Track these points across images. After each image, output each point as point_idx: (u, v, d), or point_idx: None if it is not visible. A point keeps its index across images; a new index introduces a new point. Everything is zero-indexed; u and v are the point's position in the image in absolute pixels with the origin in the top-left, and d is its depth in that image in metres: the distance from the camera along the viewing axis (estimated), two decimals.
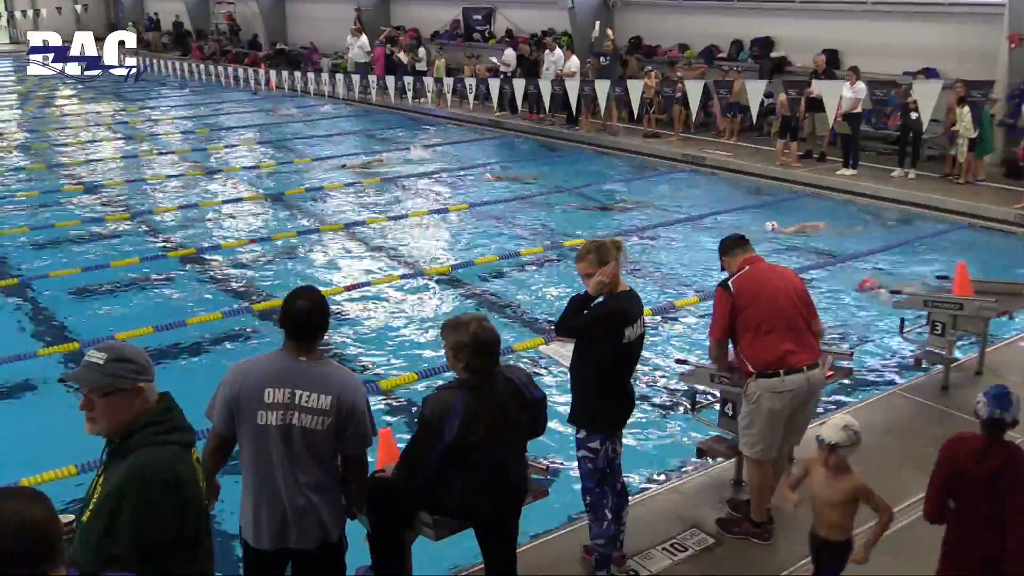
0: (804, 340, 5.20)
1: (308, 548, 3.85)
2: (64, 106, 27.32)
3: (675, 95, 18.06)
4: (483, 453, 4.10)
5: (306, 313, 3.79)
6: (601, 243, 4.79)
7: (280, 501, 3.78)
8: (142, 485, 2.93)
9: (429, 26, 28.13)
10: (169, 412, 3.15)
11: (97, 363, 3.07)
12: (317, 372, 3.78)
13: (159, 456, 3.01)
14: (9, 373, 8.17)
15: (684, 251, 11.79)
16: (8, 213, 14.24)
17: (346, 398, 3.78)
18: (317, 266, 11.50)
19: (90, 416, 3.08)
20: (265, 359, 3.88)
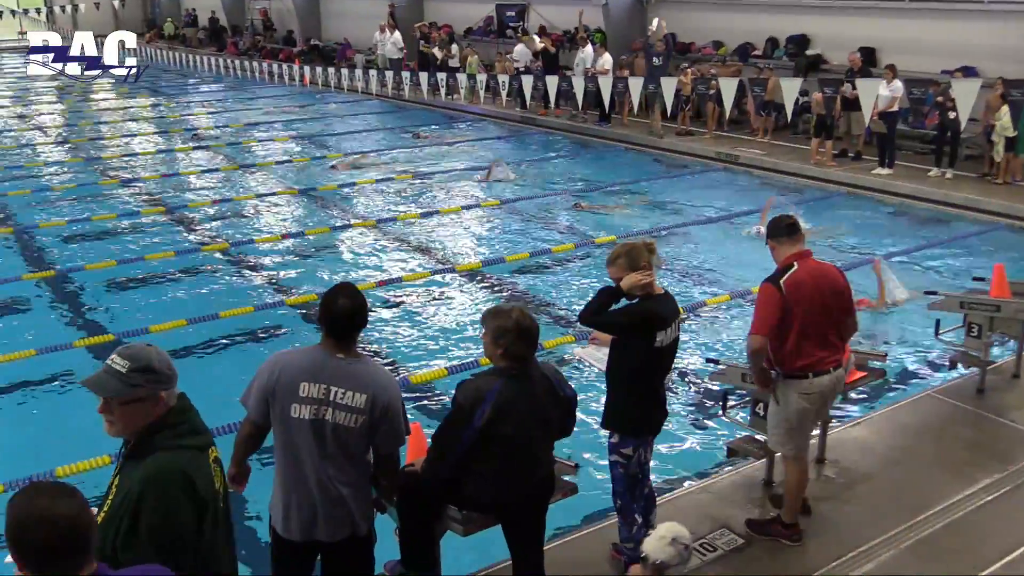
0: (836, 343, 5.17)
1: (336, 541, 3.86)
2: (101, 100, 27.61)
3: (709, 93, 17.95)
4: (512, 445, 4.11)
5: (346, 312, 3.80)
6: (633, 246, 4.73)
7: (310, 494, 3.80)
8: (160, 490, 2.95)
9: (462, 22, 28.16)
10: (185, 414, 3.15)
11: (119, 371, 3.05)
12: (353, 370, 3.79)
13: (175, 461, 3.02)
14: (46, 363, 8.28)
15: (716, 249, 11.71)
16: (47, 206, 14.43)
17: (381, 397, 3.78)
18: (349, 261, 11.55)
19: (108, 419, 3.10)
20: (303, 352, 3.90)
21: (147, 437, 3.06)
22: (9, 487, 5.99)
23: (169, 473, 2.99)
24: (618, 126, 19.59)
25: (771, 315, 4.98)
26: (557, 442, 4.45)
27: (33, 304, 10.07)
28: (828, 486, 5.88)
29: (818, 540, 5.23)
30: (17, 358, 8.23)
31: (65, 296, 10.32)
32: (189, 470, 3.03)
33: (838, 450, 6.23)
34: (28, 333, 9.01)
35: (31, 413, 7.66)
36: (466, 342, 8.76)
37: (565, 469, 4.72)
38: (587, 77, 19.29)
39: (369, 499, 3.99)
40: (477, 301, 10.03)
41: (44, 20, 50.13)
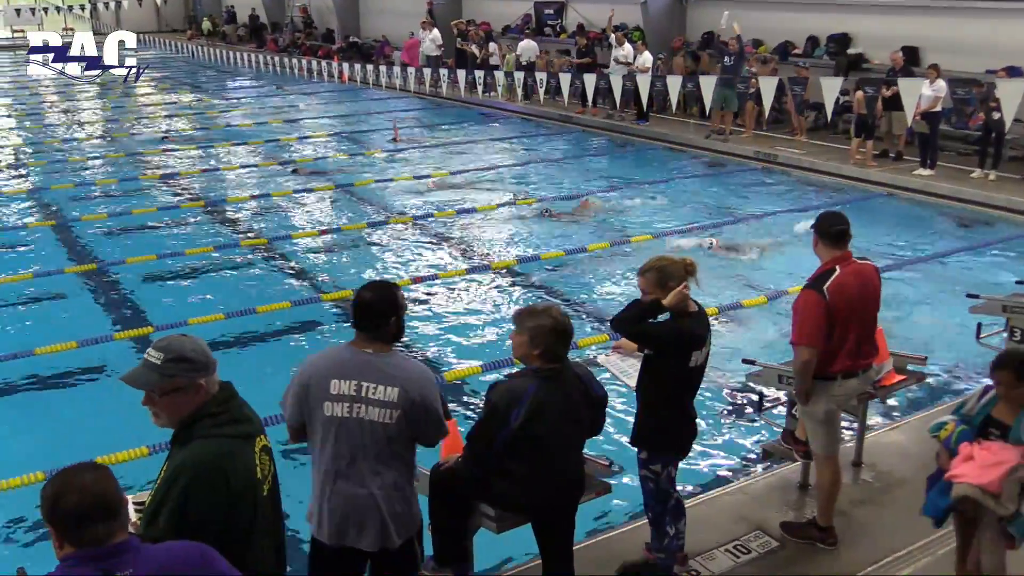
0: (868, 346, 5.11)
1: (367, 550, 3.81)
2: (142, 96, 27.95)
3: (748, 92, 17.82)
4: (545, 445, 4.12)
5: (370, 305, 3.81)
6: (669, 263, 4.62)
7: (343, 498, 3.76)
8: (191, 476, 3.01)
9: (500, 20, 28.16)
10: (228, 403, 3.19)
11: (155, 363, 3.12)
12: (383, 363, 3.76)
13: (210, 449, 3.07)
14: (87, 355, 8.41)
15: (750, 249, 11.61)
16: (89, 200, 14.64)
17: (413, 389, 3.74)
18: (385, 258, 11.60)
19: (153, 411, 3.17)
20: (333, 351, 3.91)
21: (188, 426, 3.13)
22: (49, 476, 6.07)
23: (200, 462, 3.04)
24: (656, 125, 19.48)
25: (819, 324, 4.83)
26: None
27: (74, 297, 10.21)
28: (865, 490, 5.82)
29: (854, 544, 5.18)
30: (59, 350, 8.35)
31: (106, 289, 10.46)
32: (223, 460, 3.07)
33: (875, 454, 6.16)
34: (69, 325, 9.14)
35: (72, 404, 7.77)
36: (501, 340, 8.77)
37: (598, 467, 4.71)
38: (625, 75, 19.21)
39: (408, 508, 3.88)
40: (512, 299, 10.03)
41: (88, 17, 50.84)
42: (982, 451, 4.23)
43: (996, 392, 4.34)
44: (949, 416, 4.50)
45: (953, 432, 4.39)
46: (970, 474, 4.16)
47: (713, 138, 17.85)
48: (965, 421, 4.41)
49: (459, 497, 4.31)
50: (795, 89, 17.18)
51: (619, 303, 9.60)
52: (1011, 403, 4.29)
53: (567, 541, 4.42)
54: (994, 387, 4.34)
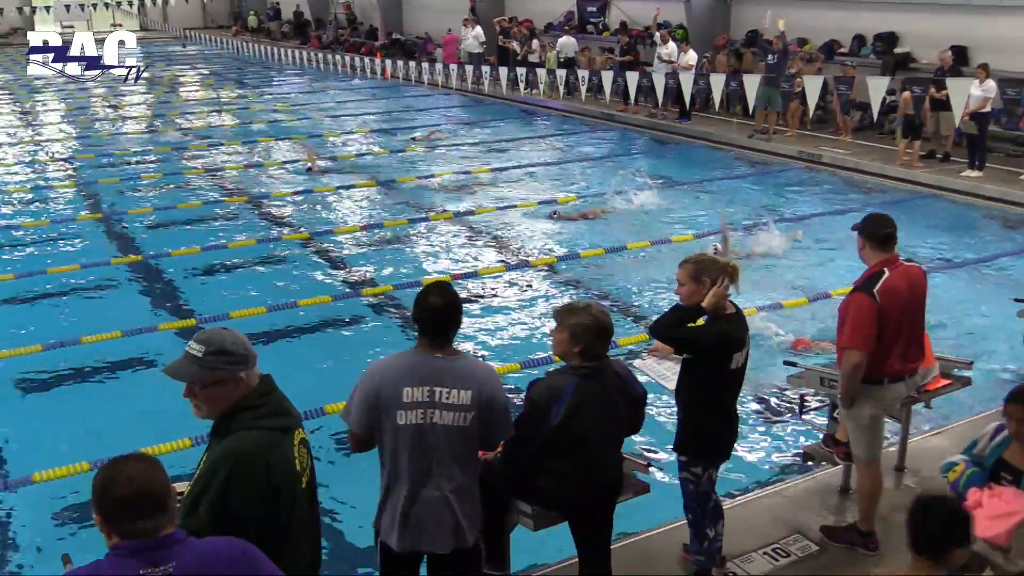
0: (915, 350, 5.04)
1: (443, 552, 3.82)
2: (188, 92, 28.29)
3: (792, 91, 17.64)
4: (584, 442, 4.11)
5: (439, 310, 3.74)
6: (710, 261, 4.60)
7: (417, 505, 3.75)
8: (231, 467, 3.03)
9: (543, 17, 28.13)
10: (268, 396, 3.22)
11: (196, 355, 3.15)
12: (454, 367, 3.74)
13: (251, 441, 3.10)
14: (131, 345, 8.54)
15: (795, 250, 11.50)
16: (135, 194, 14.85)
17: (486, 391, 3.74)
18: (426, 254, 11.64)
19: (194, 403, 3.21)
20: (401, 358, 3.83)
21: (228, 418, 3.16)
22: (95, 466, 6.18)
23: (241, 453, 3.06)
24: (699, 123, 19.35)
25: (870, 328, 4.75)
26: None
27: (120, 288, 10.38)
28: (908, 495, 5.70)
29: (896, 550, 5.09)
30: (104, 339, 8.50)
31: (151, 281, 10.61)
32: (263, 451, 3.10)
33: (919, 459, 6.06)
34: (115, 316, 9.28)
35: (116, 394, 7.89)
36: (539, 337, 8.76)
37: (636, 467, 4.69)
38: (668, 73, 19.10)
39: (477, 508, 3.91)
40: (551, 296, 10.02)
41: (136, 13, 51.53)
42: (992, 498, 3.94)
43: (1008, 431, 4.07)
44: (960, 456, 4.26)
45: (963, 475, 4.12)
46: (980, 525, 3.84)
47: (756, 137, 17.69)
48: (976, 463, 4.14)
49: (496, 494, 4.31)
50: (840, 88, 16.99)
51: (659, 301, 9.58)
52: (1023, 444, 4.02)
53: (604, 540, 4.41)
54: (1006, 425, 4.07)
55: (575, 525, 4.35)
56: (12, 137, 20.57)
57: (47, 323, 9.18)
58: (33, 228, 12.77)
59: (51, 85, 29.77)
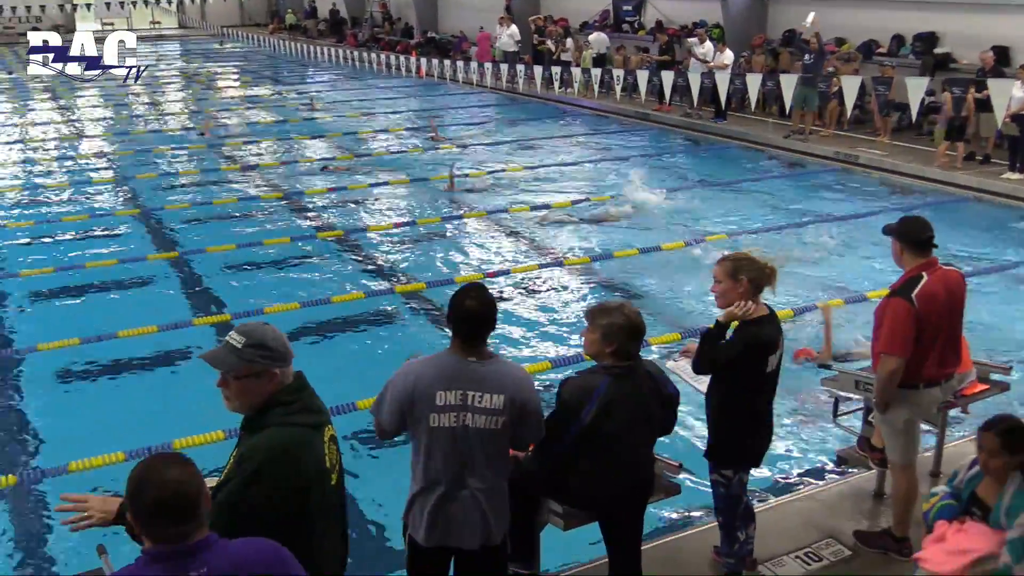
0: (952, 355, 4.97)
1: (471, 548, 3.84)
2: (225, 88, 28.54)
3: (830, 91, 17.47)
4: (616, 442, 4.09)
5: (474, 313, 3.72)
6: (748, 260, 4.53)
7: (448, 502, 3.76)
8: (262, 461, 3.04)
9: (579, 16, 28.08)
10: (300, 392, 3.23)
11: (235, 347, 3.16)
12: (488, 371, 3.73)
13: (283, 436, 3.11)
14: (167, 340, 8.64)
15: (831, 251, 11.40)
16: (172, 190, 15.01)
17: (519, 396, 3.73)
18: (459, 252, 11.66)
19: (226, 394, 3.22)
20: (434, 360, 3.81)
21: (261, 413, 3.17)
22: (130, 457, 6.27)
23: (272, 448, 3.07)
24: (734, 123, 19.23)
25: (908, 333, 4.69)
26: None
27: (157, 282, 10.49)
28: None
29: None
30: (140, 333, 8.61)
31: (186, 276, 10.72)
32: (294, 447, 3.11)
33: (955, 464, 5.96)
34: (151, 310, 9.38)
35: (151, 387, 7.99)
36: (572, 336, 8.75)
37: (668, 468, 4.67)
38: (703, 73, 19.00)
39: (506, 506, 3.92)
40: (584, 295, 10.00)
41: (175, 11, 52.11)
42: (957, 534, 3.82)
43: (979, 462, 3.94)
44: (941, 487, 4.15)
45: (934, 506, 4.01)
46: (934, 559, 3.80)
47: (793, 138, 17.54)
48: (954, 495, 4.02)
49: (527, 492, 4.31)
50: (879, 89, 16.81)
51: (692, 301, 9.54)
52: (993, 477, 3.87)
53: (635, 541, 4.39)
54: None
55: (605, 525, 4.34)
56: (52, 132, 20.87)
57: (85, 317, 9.30)
58: (72, 223, 12.95)
59: (91, 82, 30.12)
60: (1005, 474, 3.84)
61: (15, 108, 24.21)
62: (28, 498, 6.32)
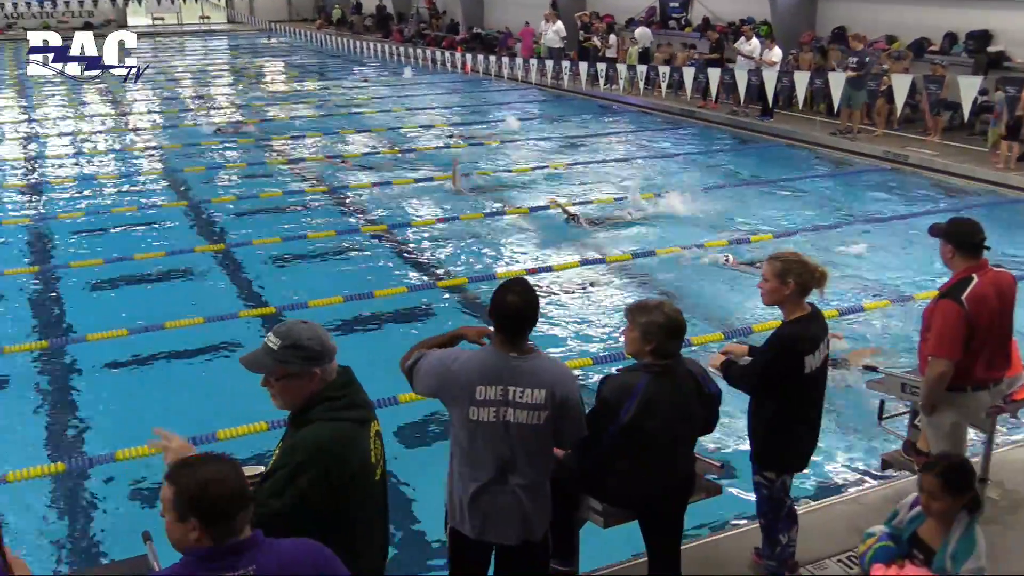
0: (1002, 358, 4.88)
1: (510, 544, 3.85)
2: (272, 83, 28.80)
3: (879, 89, 17.22)
4: (656, 441, 4.07)
5: (516, 309, 3.71)
6: (799, 262, 4.46)
7: (488, 497, 3.77)
8: (309, 457, 3.07)
9: (625, 12, 27.96)
10: (346, 388, 3.26)
11: (271, 348, 3.20)
12: (529, 367, 3.72)
13: (328, 432, 3.14)
14: (213, 332, 8.75)
15: (876, 252, 11.25)
16: (219, 183, 15.19)
17: (560, 390, 3.72)
18: (501, 248, 11.67)
19: (271, 392, 3.26)
20: (480, 355, 3.81)
21: (307, 409, 3.20)
22: None
23: (318, 443, 3.10)
24: (781, 121, 19.01)
25: (958, 336, 4.63)
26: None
27: (204, 275, 10.63)
28: (990, 508, 5.54)
29: None
30: (187, 325, 8.72)
31: (233, 269, 10.85)
32: (340, 442, 3.14)
33: (1003, 471, 5.87)
34: (198, 302, 9.52)
35: (197, 378, 8.09)
36: (612, 334, 8.72)
37: (709, 468, 4.64)
38: (750, 70, 18.84)
39: (547, 503, 3.92)
40: (625, 293, 9.97)
41: (223, 6, 52.71)
42: None
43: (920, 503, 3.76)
44: (879, 527, 3.99)
45: (871, 548, 3.83)
46: None
47: (840, 136, 17.33)
48: (893, 536, 3.84)
49: (567, 490, 4.31)
50: (930, 87, 16.53)
51: (734, 300, 9.48)
52: (937, 519, 3.68)
53: (674, 541, 4.37)
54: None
55: (645, 524, 4.33)
56: (103, 126, 21.22)
57: (133, 308, 9.44)
58: (121, 215, 13.16)
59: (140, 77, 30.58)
60: (950, 516, 3.65)
61: (67, 101, 24.62)
62: (75, 485, 6.44)
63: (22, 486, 6.24)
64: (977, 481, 3.69)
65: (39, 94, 24.85)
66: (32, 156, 17.61)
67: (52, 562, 5.51)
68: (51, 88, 25.83)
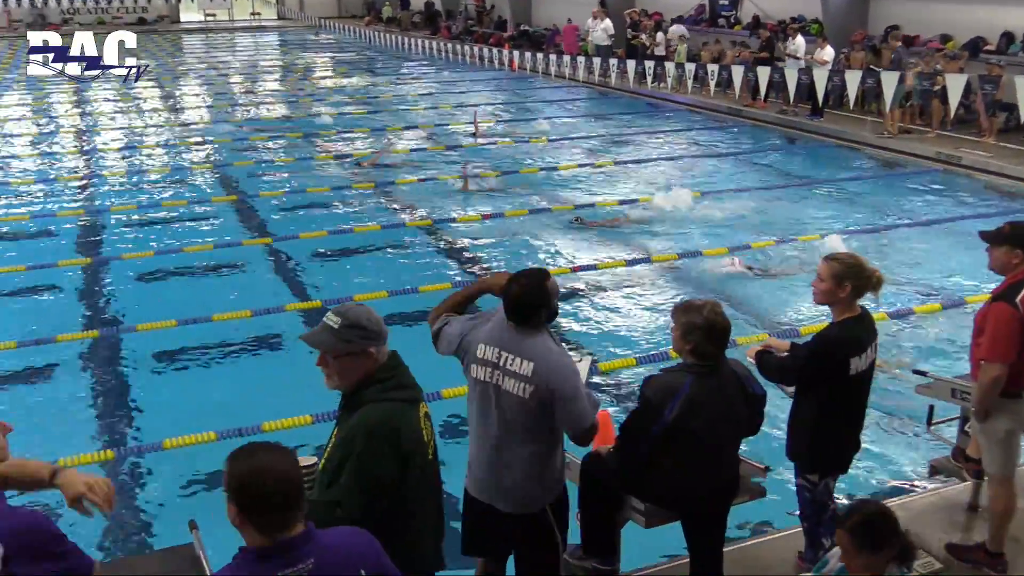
0: None
1: (512, 512, 3.93)
2: (321, 79, 29.03)
3: (933, 89, 16.93)
4: (699, 442, 4.05)
5: (516, 298, 3.85)
6: (858, 265, 4.42)
7: (486, 454, 3.93)
8: (367, 436, 3.17)
9: (674, 10, 27.80)
10: (395, 370, 3.36)
11: (332, 327, 3.30)
12: (523, 338, 3.84)
13: (383, 411, 3.23)
14: (259, 325, 8.85)
15: (927, 255, 11.07)
16: (268, 178, 15.35)
17: (544, 370, 3.77)
18: (546, 245, 11.64)
19: (326, 372, 3.34)
20: (490, 317, 4.01)
21: (359, 391, 3.30)
22: (221, 437, 6.45)
23: (376, 423, 3.20)
24: (831, 121, 18.76)
25: (1012, 339, 4.53)
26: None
27: (250, 268, 10.75)
28: None
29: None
30: (233, 317, 8.83)
31: (279, 262, 10.96)
32: (395, 421, 3.24)
33: None
34: (244, 295, 9.63)
35: (243, 370, 8.19)
36: (657, 333, 8.67)
37: (754, 471, 4.59)
38: (800, 69, 18.62)
39: (545, 477, 3.95)
40: (670, 293, 9.90)
41: (274, 2, 53.26)
42: None
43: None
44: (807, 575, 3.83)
45: None
46: None
47: (886, 136, 17.08)
48: None
49: (609, 488, 4.29)
50: (985, 88, 16.23)
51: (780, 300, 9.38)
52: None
53: (717, 543, 4.33)
54: None
55: (687, 525, 4.30)
56: (155, 120, 21.55)
57: (182, 299, 9.58)
58: (172, 208, 13.35)
59: (192, 71, 31.06)
60: (878, 572, 3.33)
61: (120, 95, 25.04)
62: (124, 473, 6.54)
63: None
64: (902, 529, 3.38)
65: (93, 89, 25.28)
66: (85, 150, 17.93)
67: (99, 549, 5.60)
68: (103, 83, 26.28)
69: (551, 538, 4.03)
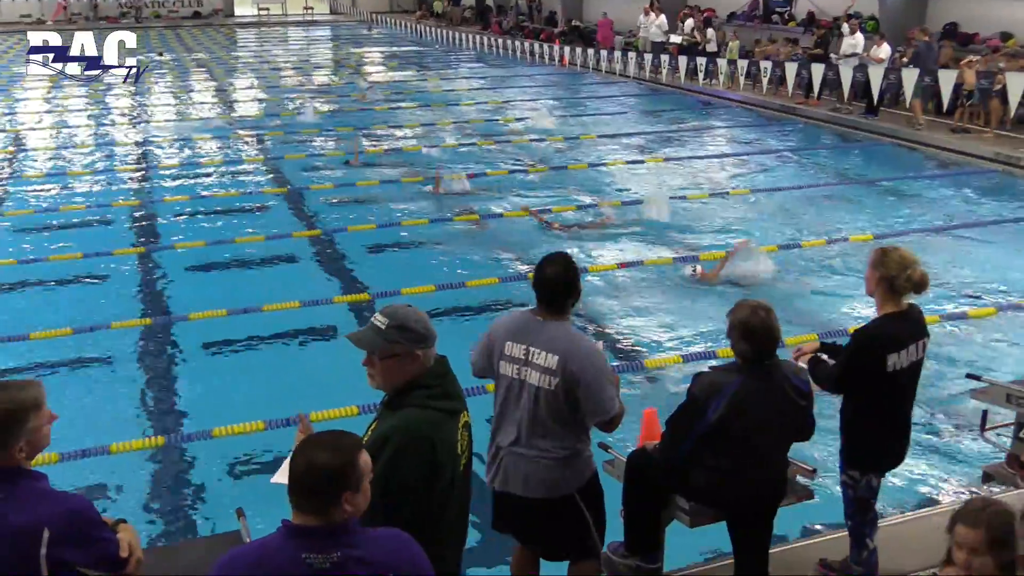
0: None
1: (533, 497, 3.97)
2: (372, 74, 29.20)
3: (993, 88, 16.57)
4: (745, 442, 4.02)
5: (547, 279, 3.96)
6: (891, 257, 4.34)
7: (508, 456, 3.96)
8: (398, 443, 3.14)
9: (727, 7, 27.54)
10: (442, 378, 3.32)
11: (379, 327, 3.27)
12: (550, 330, 3.90)
13: (421, 418, 3.20)
14: (308, 317, 8.94)
15: (986, 257, 10.84)
16: (317, 172, 15.48)
17: (572, 360, 3.82)
18: (591, 241, 11.60)
19: (370, 372, 3.33)
20: (517, 314, 4.12)
21: (402, 393, 3.27)
22: (269, 426, 6.52)
23: (411, 430, 3.17)
24: (886, 120, 18.44)
25: None
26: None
27: (300, 260, 10.87)
28: None
29: None
30: (283, 308, 8.94)
31: (328, 255, 11.06)
32: (431, 431, 3.20)
33: None
34: (294, 286, 9.73)
35: (292, 360, 8.28)
36: (703, 331, 8.61)
37: (802, 473, 4.53)
38: (855, 67, 18.34)
39: (576, 468, 3.99)
40: (718, 291, 9.81)
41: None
42: None
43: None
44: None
45: None
46: None
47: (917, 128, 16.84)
48: None
49: (654, 486, 4.27)
50: None
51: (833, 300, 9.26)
52: None
53: (763, 544, 4.29)
54: None
55: (733, 525, 4.26)
56: (208, 112, 21.84)
57: (232, 290, 9.71)
58: (224, 199, 13.53)
59: (246, 64, 31.42)
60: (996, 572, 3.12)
61: (176, 89, 25.41)
62: (173, 460, 6.65)
63: (123, 458, 6.47)
64: None
65: (148, 81, 25.67)
66: (140, 141, 18.22)
67: (147, 534, 5.69)
68: (158, 76, 26.70)
69: (580, 519, 4.04)
